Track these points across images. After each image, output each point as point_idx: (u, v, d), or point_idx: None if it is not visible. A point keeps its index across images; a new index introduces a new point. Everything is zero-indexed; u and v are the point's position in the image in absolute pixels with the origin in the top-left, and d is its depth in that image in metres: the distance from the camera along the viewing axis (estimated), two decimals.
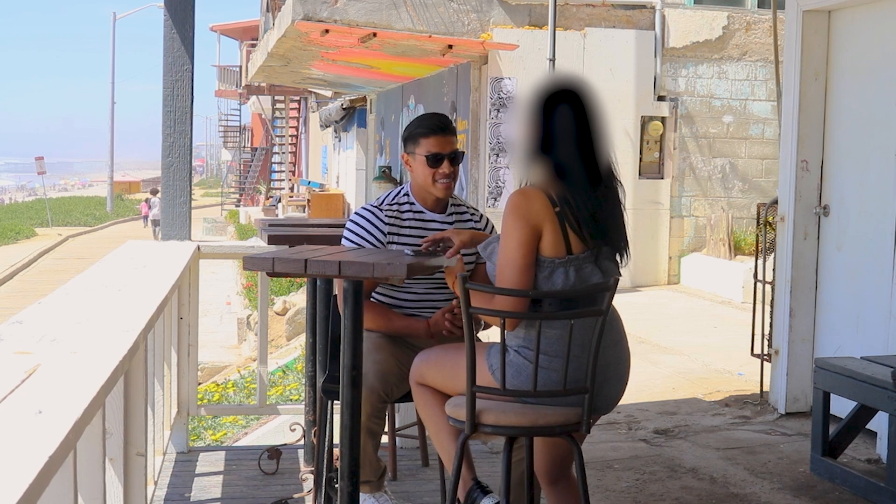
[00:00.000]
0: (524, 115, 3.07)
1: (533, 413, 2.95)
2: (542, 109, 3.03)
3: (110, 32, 43.77)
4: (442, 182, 3.62)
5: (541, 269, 2.97)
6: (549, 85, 3.08)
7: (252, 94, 33.32)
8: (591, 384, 2.92)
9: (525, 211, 2.96)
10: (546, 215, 2.95)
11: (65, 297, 3.23)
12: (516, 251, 2.95)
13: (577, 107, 3.03)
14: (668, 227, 12.56)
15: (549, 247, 2.96)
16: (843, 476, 4.55)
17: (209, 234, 29.28)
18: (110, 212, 45.18)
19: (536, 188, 3.01)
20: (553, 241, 2.96)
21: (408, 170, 3.71)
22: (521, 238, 2.95)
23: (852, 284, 5.49)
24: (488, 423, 2.95)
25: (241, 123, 45.47)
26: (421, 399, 3.30)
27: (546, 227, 2.96)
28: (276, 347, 13.23)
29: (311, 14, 11.63)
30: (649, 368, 7.48)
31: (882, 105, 5.25)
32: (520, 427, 2.94)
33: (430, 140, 3.60)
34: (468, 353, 2.92)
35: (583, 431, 2.96)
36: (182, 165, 5.00)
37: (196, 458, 4.80)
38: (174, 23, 4.95)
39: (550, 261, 2.96)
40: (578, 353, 2.95)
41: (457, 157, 3.64)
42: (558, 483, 3.20)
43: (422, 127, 3.65)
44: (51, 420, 1.76)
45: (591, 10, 12.35)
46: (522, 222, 2.95)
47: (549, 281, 2.97)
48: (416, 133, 3.64)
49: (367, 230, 3.63)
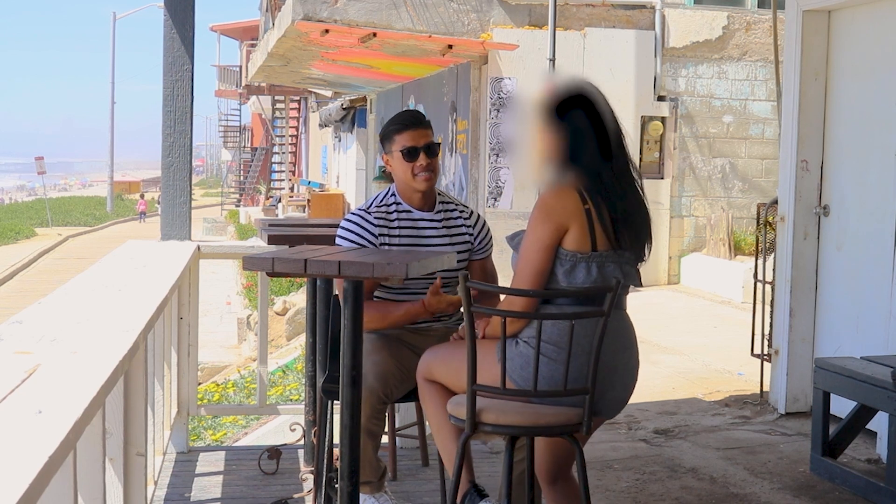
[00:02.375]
0: (536, 123, 3.07)
1: (533, 413, 2.95)
2: (558, 118, 3.03)
3: (110, 32, 43.77)
4: (421, 175, 3.63)
5: (562, 263, 2.99)
6: (559, 92, 3.08)
7: (252, 94, 33.33)
8: (591, 385, 2.92)
9: (552, 210, 2.99)
10: (575, 212, 2.98)
11: (65, 297, 3.23)
12: (536, 253, 2.99)
13: (591, 109, 3.04)
14: (668, 227, 12.56)
15: (574, 242, 2.98)
16: (843, 476, 4.55)
17: (209, 234, 29.27)
18: (110, 212, 45.18)
19: (570, 185, 3.02)
20: (579, 237, 2.98)
21: (388, 168, 3.74)
22: (544, 241, 2.98)
23: (852, 284, 5.49)
24: (489, 422, 2.95)
25: (241, 123, 45.48)
26: (426, 395, 3.31)
27: (573, 224, 2.98)
28: (276, 347, 13.23)
29: (311, 14, 11.63)
30: (649, 368, 7.48)
31: (882, 105, 5.25)
32: (520, 427, 2.94)
33: (403, 135, 3.63)
34: (469, 351, 2.93)
35: (583, 432, 2.96)
36: (182, 165, 5.00)
37: (196, 458, 4.80)
38: (174, 23, 4.95)
39: (573, 255, 2.98)
40: (582, 353, 2.95)
41: (432, 147, 3.65)
42: (557, 483, 3.20)
43: (394, 124, 3.68)
44: (51, 420, 1.76)
45: (591, 10, 12.35)
46: (547, 223, 2.98)
47: (570, 275, 2.99)
48: (390, 131, 3.67)
49: (359, 234, 3.64)
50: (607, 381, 3.01)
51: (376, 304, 3.69)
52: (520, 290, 2.97)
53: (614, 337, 2.99)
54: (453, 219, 3.78)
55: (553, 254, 2.99)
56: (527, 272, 2.99)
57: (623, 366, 3.06)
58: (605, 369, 2.99)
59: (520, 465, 3.23)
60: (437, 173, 3.69)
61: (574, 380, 2.94)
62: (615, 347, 3.01)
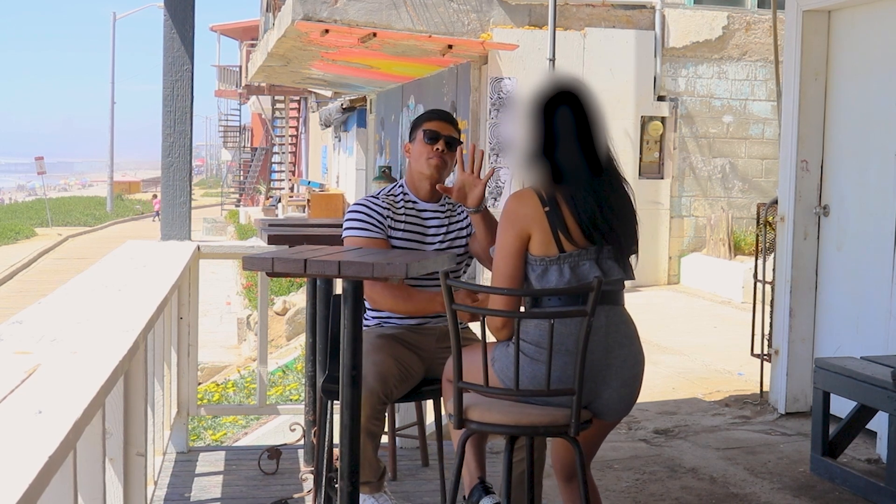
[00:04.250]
0: (525, 118, 3.09)
1: (519, 412, 2.94)
2: (541, 112, 3.05)
3: (110, 32, 43.75)
4: (433, 159, 3.72)
5: (533, 269, 3.00)
6: (547, 87, 3.09)
7: (252, 94, 33.34)
8: (578, 385, 2.89)
9: (514, 216, 3.01)
10: (535, 217, 2.98)
11: (65, 297, 3.23)
12: (503, 259, 3.03)
13: (577, 107, 3.04)
14: (668, 227, 12.56)
15: (540, 247, 2.99)
16: (843, 476, 4.55)
17: (209, 234, 29.26)
18: (110, 212, 45.17)
19: (530, 189, 3.03)
20: (543, 241, 2.98)
21: (407, 158, 3.84)
22: (509, 248, 3.01)
23: (852, 284, 5.49)
24: (474, 419, 2.96)
25: (241, 123, 45.48)
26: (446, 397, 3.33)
27: (535, 229, 2.98)
28: (276, 347, 13.23)
29: (311, 14, 11.63)
30: (649, 368, 7.43)
31: (882, 105, 5.25)
32: (505, 426, 2.94)
33: (432, 122, 3.76)
34: (454, 348, 2.95)
35: (571, 433, 2.92)
36: (182, 165, 5.00)
37: (196, 458, 4.80)
38: (174, 23, 4.95)
39: (541, 259, 2.98)
40: (567, 353, 2.93)
41: (453, 141, 3.75)
42: (573, 480, 3.19)
43: (427, 114, 3.84)
44: (51, 420, 1.76)
45: (591, 10, 12.35)
46: (510, 230, 3.01)
47: (542, 279, 2.99)
48: (421, 119, 3.81)
49: (369, 214, 3.71)
50: (600, 379, 2.98)
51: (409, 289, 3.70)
52: (508, 289, 3.00)
53: (605, 334, 2.97)
54: (457, 213, 3.86)
55: (521, 259, 3.01)
56: (497, 277, 3.04)
57: (619, 363, 3.01)
58: (598, 367, 2.96)
59: (520, 465, 3.23)
60: (447, 167, 3.77)
61: (560, 380, 2.93)
62: (608, 345, 2.98)
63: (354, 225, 3.70)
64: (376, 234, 3.67)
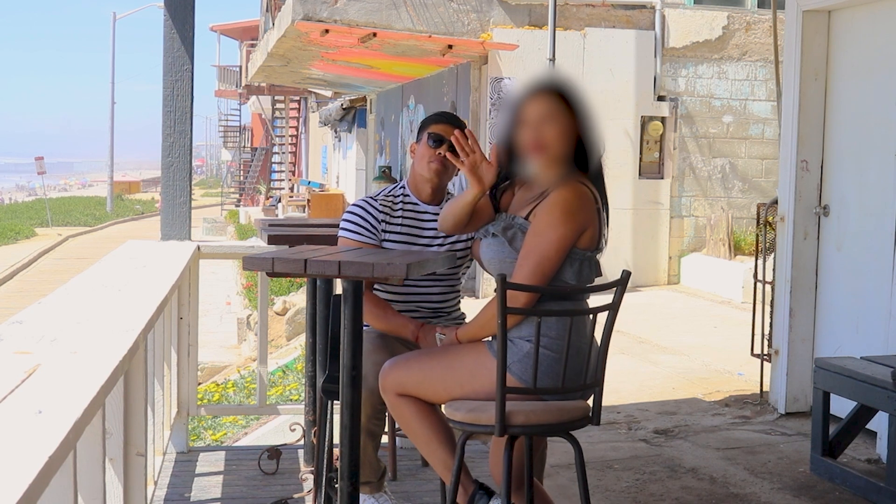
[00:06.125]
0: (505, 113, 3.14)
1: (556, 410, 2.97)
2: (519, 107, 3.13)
3: (110, 32, 43.74)
4: (434, 163, 3.72)
5: (571, 263, 3.01)
6: (532, 84, 3.14)
7: (252, 94, 33.34)
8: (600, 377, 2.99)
9: (578, 211, 3.00)
10: (593, 213, 3.04)
11: (65, 297, 3.23)
12: (557, 252, 2.98)
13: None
14: (667, 227, 12.56)
15: (588, 240, 3.03)
16: (843, 476, 4.55)
17: (209, 234, 29.25)
18: (110, 212, 45.14)
19: (585, 186, 3.06)
20: (592, 236, 3.04)
21: (411, 157, 3.85)
22: (568, 239, 2.98)
23: (852, 284, 5.49)
24: (517, 423, 2.90)
25: (241, 123, 45.47)
26: (405, 411, 3.18)
27: (591, 224, 3.03)
28: (276, 347, 13.23)
29: (311, 14, 11.63)
30: (649, 368, 7.48)
31: (882, 105, 5.25)
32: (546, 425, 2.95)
33: (438, 125, 3.77)
34: (499, 354, 2.86)
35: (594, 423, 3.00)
36: (182, 165, 5.00)
37: (196, 458, 4.80)
38: (174, 23, 4.95)
39: (583, 252, 3.02)
40: (576, 350, 2.98)
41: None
42: (521, 489, 3.13)
43: (433, 116, 3.86)
44: (51, 420, 1.76)
45: (591, 10, 12.35)
46: (573, 223, 2.99)
47: (579, 274, 3.03)
48: (428, 121, 3.83)
49: (364, 217, 3.72)
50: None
51: (377, 301, 3.69)
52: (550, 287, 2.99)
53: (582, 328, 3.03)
54: None
55: (569, 251, 3.01)
56: (541, 270, 2.97)
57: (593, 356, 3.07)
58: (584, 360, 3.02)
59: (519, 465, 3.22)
60: (448, 171, 3.77)
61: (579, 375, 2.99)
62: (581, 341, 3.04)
63: (348, 227, 3.73)
64: (367, 239, 3.69)
